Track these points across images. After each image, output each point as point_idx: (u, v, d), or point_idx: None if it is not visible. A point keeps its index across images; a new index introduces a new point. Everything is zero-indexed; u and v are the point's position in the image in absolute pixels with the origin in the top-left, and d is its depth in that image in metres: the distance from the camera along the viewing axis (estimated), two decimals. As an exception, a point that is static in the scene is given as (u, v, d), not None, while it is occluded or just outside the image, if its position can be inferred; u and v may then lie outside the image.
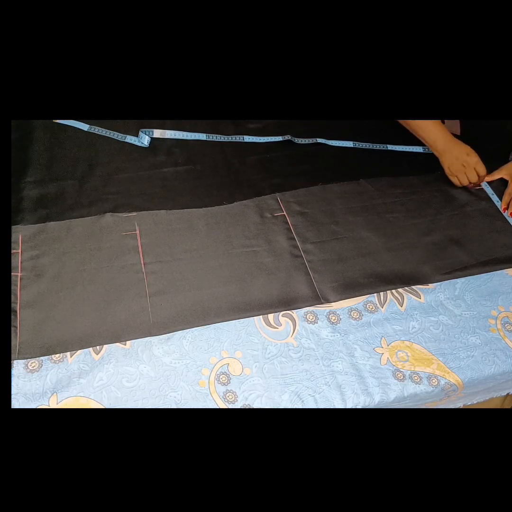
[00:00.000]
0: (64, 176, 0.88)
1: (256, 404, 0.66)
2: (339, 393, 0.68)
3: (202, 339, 0.71)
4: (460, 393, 0.75)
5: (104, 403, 0.64)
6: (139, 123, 0.98)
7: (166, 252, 0.79)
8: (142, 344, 0.69)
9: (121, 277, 0.75)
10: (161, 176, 0.91)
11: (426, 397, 0.72)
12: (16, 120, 0.95)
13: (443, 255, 0.84)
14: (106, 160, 0.92)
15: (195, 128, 0.99)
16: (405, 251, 0.84)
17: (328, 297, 0.77)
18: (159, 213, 0.84)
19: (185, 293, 0.75)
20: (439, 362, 0.73)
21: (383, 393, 0.69)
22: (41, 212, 0.82)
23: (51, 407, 0.62)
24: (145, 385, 0.66)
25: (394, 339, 0.75)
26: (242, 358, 0.70)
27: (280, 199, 0.89)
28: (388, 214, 0.89)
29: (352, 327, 0.75)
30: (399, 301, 0.79)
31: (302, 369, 0.70)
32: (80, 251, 0.77)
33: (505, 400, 0.99)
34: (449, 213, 0.91)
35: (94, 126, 0.96)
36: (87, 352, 0.68)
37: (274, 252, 0.81)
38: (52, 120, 0.96)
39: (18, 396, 0.63)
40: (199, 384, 0.67)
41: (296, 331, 0.74)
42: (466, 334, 0.76)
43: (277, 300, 0.76)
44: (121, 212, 0.83)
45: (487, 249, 0.86)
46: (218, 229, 0.83)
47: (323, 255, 0.82)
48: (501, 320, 0.79)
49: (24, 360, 0.66)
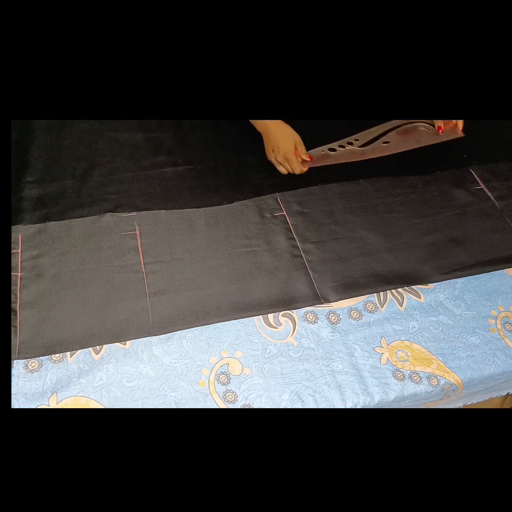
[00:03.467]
0: (64, 176, 0.88)
1: (256, 404, 0.66)
2: (339, 393, 0.68)
3: (202, 339, 0.71)
4: (460, 393, 0.75)
5: (104, 403, 0.64)
6: (139, 123, 0.98)
7: (166, 252, 0.79)
8: (142, 344, 0.69)
9: (121, 277, 0.75)
10: (161, 176, 0.90)
11: (426, 397, 0.72)
12: (16, 120, 0.95)
13: (443, 255, 0.84)
14: (106, 160, 0.92)
15: (195, 128, 0.99)
16: (405, 251, 0.84)
17: (328, 297, 0.77)
18: (159, 213, 0.84)
19: (185, 293, 0.75)
20: (439, 362, 0.73)
21: (383, 393, 0.69)
22: (41, 212, 0.82)
23: (51, 407, 0.63)
24: (145, 385, 0.66)
25: (394, 339, 0.75)
26: (242, 358, 0.70)
27: (280, 199, 0.89)
28: (388, 214, 0.89)
29: (352, 327, 0.75)
30: (399, 301, 0.79)
31: (302, 369, 0.70)
32: (80, 251, 0.77)
33: (505, 400, 0.99)
34: (449, 213, 0.91)
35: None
36: (87, 352, 0.68)
37: (274, 252, 0.81)
38: (52, 120, 0.96)
39: (18, 396, 0.63)
40: (199, 384, 0.67)
41: (296, 331, 0.74)
42: (466, 334, 0.77)
43: (277, 300, 0.76)
44: (121, 212, 0.83)
45: (487, 249, 0.86)
46: (218, 229, 0.83)
47: (323, 255, 0.82)
48: (501, 320, 0.79)
49: (24, 360, 0.66)
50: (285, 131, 0.87)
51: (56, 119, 0.96)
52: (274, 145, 0.88)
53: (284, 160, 0.88)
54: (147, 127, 0.98)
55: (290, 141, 0.87)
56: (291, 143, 0.87)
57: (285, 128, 0.88)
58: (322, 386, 0.69)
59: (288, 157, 0.87)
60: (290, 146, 0.87)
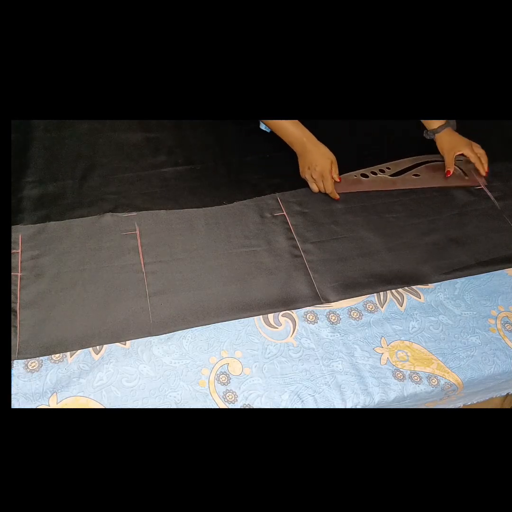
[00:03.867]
0: (64, 176, 0.88)
1: (256, 404, 0.66)
2: (339, 393, 0.68)
3: (202, 339, 0.71)
4: (460, 393, 0.75)
5: (104, 403, 0.64)
6: (139, 123, 0.98)
7: (166, 252, 0.79)
8: (142, 344, 0.69)
9: (121, 277, 0.75)
10: (161, 176, 0.91)
11: (426, 397, 0.72)
12: (16, 120, 0.95)
13: (443, 255, 0.84)
14: (106, 160, 0.92)
15: (195, 128, 0.99)
16: (405, 251, 0.84)
17: (328, 297, 0.77)
18: (159, 213, 0.84)
19: (185, 293, 0.75)
20: (439, 362, 0.73)
21: (383, 393, 0.69)
22: (41, 212, 0.82)
23: (51, 407, 0.62)
24: (145, 385, 0.66)
25: (394, 339, 0.75)
26: (242, 358, 0.70)
27: (280, 199, 0.89)
28: (388, 214, 0.89)
29: (352, 327, 0.75)
30: (399, 301, 0.79)
31: (302, 369, 0.70)
32: (80, 251, 0.77)
33: (505, 400, 0.99)
34: (449, 213, 0.91)
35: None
36: (87, 352, 0.68)
37: (274, 252, 0.81)
38: (52, 120, 0.96)
39: (18, 396, 0.63)
40: (199, 384, 0.67)
41: (296, 331, 0.74)
42: (466, 334, 0.76)
43: (277, 300, 0.76)
44: (121, 212, 0.83)
45: (487, 249, 0.86)
46: (218, 229, 0.83)
47: (323, 255, 0.82)
48: (501, 320, 0.79)
49: (24, 360, 0.66)
50: (323, 150, 0.89)
51: (56, 119, 0.96)
52: (310, 163, 0.89)
53: (320, 177, 0.89)
54: (147, 127, 0.98)
55: (327, 160, 0.88)
56: (328, 161, 0.88)
57: (322, 148, 0.89)
58: (322, 386, 0.69)
59: (324, 174, 0.88)
60: (327, 164, 0.88)
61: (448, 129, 0.98)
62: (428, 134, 0.99)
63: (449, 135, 0.98)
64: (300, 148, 0.90)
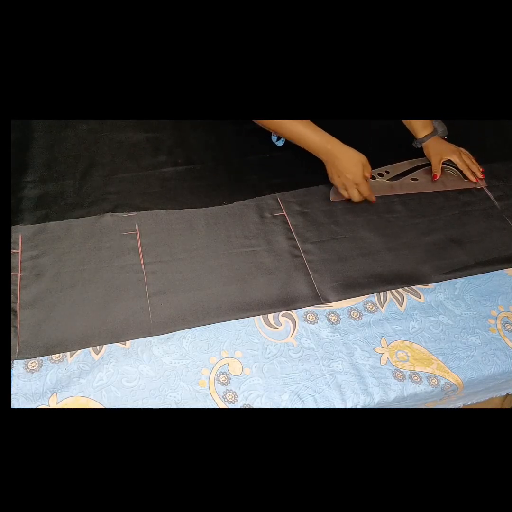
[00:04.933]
0: (64, 176, 0.88)
1: (256, 404, 0.66)
2: (339, 393, 0.68)
3: (202, 339, 0.71)
4: (460, 393, 0.75)
5: (104, 403, 0.64)
6: (139, 123, 0.98)
7: (166, 252, 0.79)
8: (142, 344, 0.69)
9: (121, 277, 0.75)
10: (161, 176, 0.90)
11: (426, 397, 0.72)
12: (16, 120, 0.95)
13: (443, 255, 0.84)
14: (106, 160, 0.92)
15: (195, 128, 0.99)
16: (405, 251, 0.84)
17: (328, 297, 0.77)
18: (159, 213, 0.84)
19: (185, 293, 0.75)
20: (439, 362, 0.73)
21: (383, 393, 0.69)
22: (41, 212, 0.82)
23: (51, 407, 0.62)
24: (145, 385, 0.66)
25: (394, 339, 0.75)
26: (242, 358, 0.70)
27: (280, 199, 0.89)
28: (388, 214, 0.89)
29: (352, 327, 0.75)
30: (399, 301, 0.79)
31: (302, 369, 0.70)
32: (80, 251, 0.77)
33: (505, 400, 0.99)
34: (449, 213, 0.91)
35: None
36: (87, 352, 0.68)
37: (274, 252, 0.81)
38: (52, 120, 0.96)
39: (18, 396, 0.63)
40: (199, 384, 0.67)
41: (296, 331, 0.74)
42: (466, 334, 0.77)
43: (277, 300, 0.76)
44: (121, 212, 0.83)
45: (487, 249, 0.86)
46: (218, 229, 0.83)
47: (323, 255, 0.82)
48: (501, 320, 0.79)
49: (24, 360, 0.66)
50: (351, 154, 0.84)
51: (56, 119, 0.96)
52: (341, 171, 0.84)
53: (353, 185, 0.85)
54: (147, 127, 0.98)
55: (358, 164, 0.84)
56: (359, 166, 0.84)
57: (351, 151, 0.84)
58: (322, 386, 0.69)
59: (357, 181, 0.84)
60: (359, 171, 0.83)
61: (434, 137, 0.97)
62: (415, 143, 0.99)
63: (435, 143, 0.97)
64: (326, 156, 0.86)
